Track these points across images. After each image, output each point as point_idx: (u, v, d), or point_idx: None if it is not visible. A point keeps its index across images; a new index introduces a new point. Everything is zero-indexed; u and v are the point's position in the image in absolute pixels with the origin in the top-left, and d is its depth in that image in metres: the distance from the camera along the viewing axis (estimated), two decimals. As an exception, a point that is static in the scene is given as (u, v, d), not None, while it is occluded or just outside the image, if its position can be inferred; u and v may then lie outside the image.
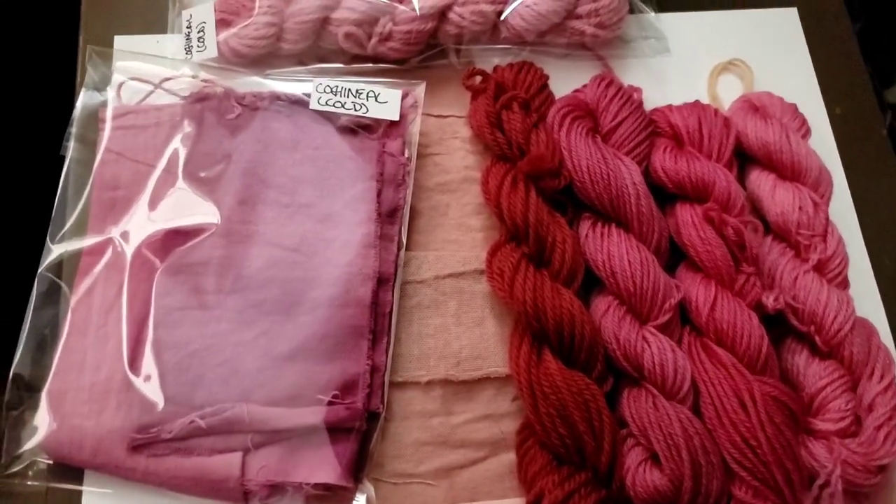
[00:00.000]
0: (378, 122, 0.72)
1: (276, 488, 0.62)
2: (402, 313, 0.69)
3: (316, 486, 0.62)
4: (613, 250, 0.66)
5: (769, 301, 0.65)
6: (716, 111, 0.73)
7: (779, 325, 0.67)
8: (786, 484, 0.58)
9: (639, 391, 0.63)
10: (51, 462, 0.63)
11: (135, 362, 0.64)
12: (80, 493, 0.63)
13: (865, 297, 0.72)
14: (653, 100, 0.77)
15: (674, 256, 0.70)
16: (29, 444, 0.63)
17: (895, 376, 0.64)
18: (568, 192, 0.70)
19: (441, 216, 0.74)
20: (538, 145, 0.69)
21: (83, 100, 0.73)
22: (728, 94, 0.80)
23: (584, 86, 0.76)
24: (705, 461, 0.59)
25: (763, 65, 0.81)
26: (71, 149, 0.72)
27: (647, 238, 0.67)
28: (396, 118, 0.72)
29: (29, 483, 0.64)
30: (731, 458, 0.60)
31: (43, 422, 0.63)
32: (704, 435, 0.60)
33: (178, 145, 0.71)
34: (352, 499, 0.63)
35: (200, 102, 0.72)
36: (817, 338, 0.65)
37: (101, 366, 0.64)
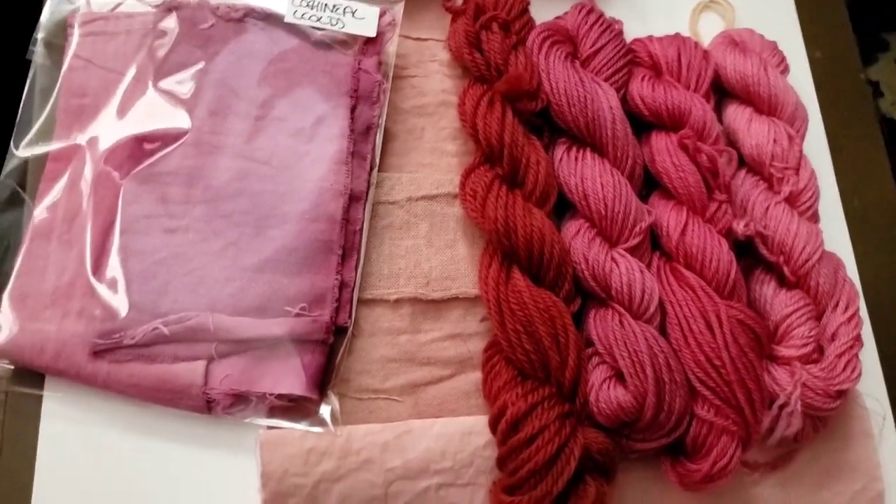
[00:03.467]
0: (354, 38, 0.71)
1: (239, 398, 0.61)
2: (373, 233, 0.68)
3: (280, 396, 0.61)
4: (587, 173, 0.66)
5: (739, 227, 0.65)
6: (695, 43, 0.73)
7: (749, 257, 0.68)
8: (747, 403, 0.59)
9: (606, 311, 0.63)
10: (11, 367, 0.62)
11: (99, 268, 0.63)
12: (40, 398, 0.62)
13: (835, 234, 0.73)
14: (634, 34, 0.76)
15: (648, 188, 0.70)
16: (-11, 349, 0.61)
17: (858, 308, 0.65)
18: (545, 116, 0.70)
19: (416, 139, 0.73)
20: (516, 66, 0.68)
21: (52, 5, 0.71)
22: (709, 32, 0.80)
23: (566, 13, 0.75)
24: (669, 379, 0.59)
25: (745, 5, 0.81)
26: (38, 54, 0.70)
27: (621, 163, 0.67)
28: (373, 35, 0.71)
29: (-12, 388, 0.64)
30: (694, 377, 0.60)
31: (4, 325, 0.62)
32: (669, 353, 0.60)
33: (148, 53, 0.69)
34: (316, 411, 0.62)
35: (173, 11, 0.70)
36: (785, 268, 0.65)
37: (65, 271, 0.63)
